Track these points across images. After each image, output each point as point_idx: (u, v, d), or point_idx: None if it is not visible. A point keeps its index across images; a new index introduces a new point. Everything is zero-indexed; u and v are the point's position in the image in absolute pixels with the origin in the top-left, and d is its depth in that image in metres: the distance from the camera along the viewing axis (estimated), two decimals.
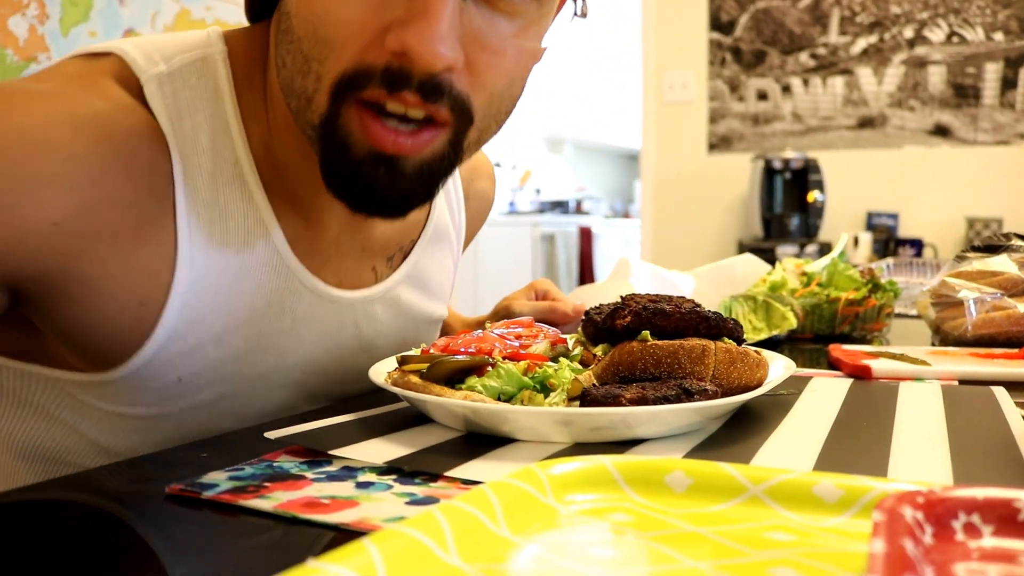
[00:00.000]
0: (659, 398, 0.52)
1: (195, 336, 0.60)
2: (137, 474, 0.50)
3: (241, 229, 0.60)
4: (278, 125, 0.61)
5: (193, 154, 0.57)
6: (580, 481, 0.40)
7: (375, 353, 0.73)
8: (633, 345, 0.58)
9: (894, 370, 0.76)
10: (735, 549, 0.34)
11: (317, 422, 0.58)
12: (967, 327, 0.94)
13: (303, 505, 0.42)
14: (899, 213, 3.36)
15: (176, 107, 0.57)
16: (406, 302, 0.76)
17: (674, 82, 3.64)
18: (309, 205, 0.64)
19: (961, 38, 3.24)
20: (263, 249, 0.62)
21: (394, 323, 0.75)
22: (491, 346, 0.61)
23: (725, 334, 0.60)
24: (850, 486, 0.37)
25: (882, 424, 0.57)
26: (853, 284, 1.04)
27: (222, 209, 0.59)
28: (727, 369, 0.59)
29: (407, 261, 0.75)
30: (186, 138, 0.57)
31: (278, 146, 0.61)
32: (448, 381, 0.56)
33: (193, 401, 0.63)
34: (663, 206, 3.72)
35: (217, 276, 0.59)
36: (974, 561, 0.30)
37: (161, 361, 0.59)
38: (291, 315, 0.65)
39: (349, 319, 0.70)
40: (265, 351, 0.65)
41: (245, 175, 0.60)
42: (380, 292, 0.72)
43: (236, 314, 0.62)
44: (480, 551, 0.32)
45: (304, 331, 0.67)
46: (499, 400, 0.55)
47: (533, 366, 0.58)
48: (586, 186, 7.28)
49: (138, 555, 0.38)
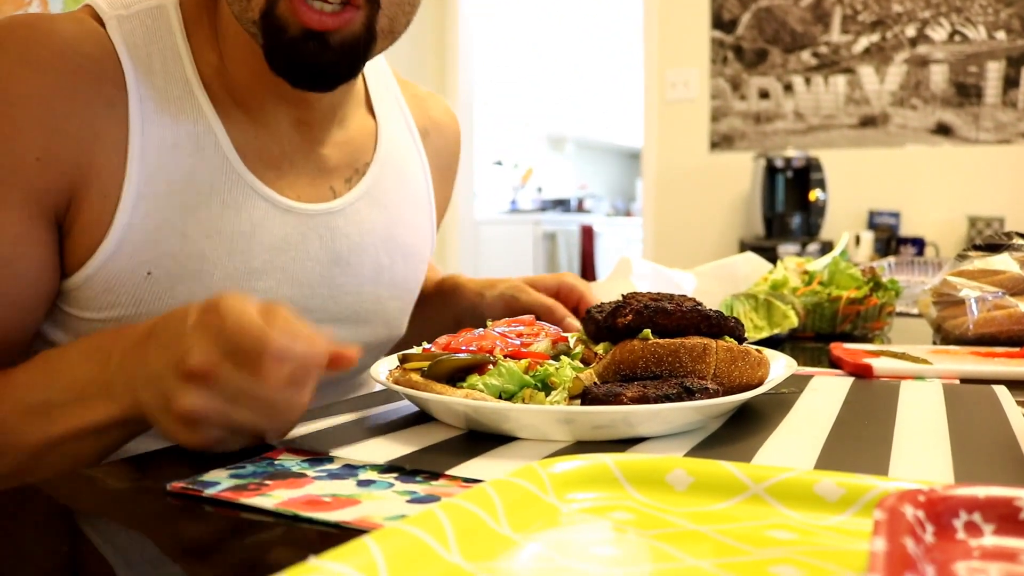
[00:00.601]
0: (660, 396, 0.52)
1: (156, 226, 0.68)
2: (138, 472, 0.50)
3: (192, 135, 0.70)
4: (229, 50, 0.72)
5: (146, 73, 0.69)
6: (581, 479, 0.40)
7: (348, 270, 0.80)
8: (634, 344, 0.58)
9: (895, 369, 0.76)
10: (736, 547, 0.34)
11: (319, 421, 0.59)
12: (968, 326, 0.94)
13: (304, 503, 0.42)
14: (901, 212, 3.36)
15: (132, 39, 0.69)
16: (370, 221, 0.82)
17: (676, 80, 3.64)
18: (257, 119, 0.74)
19: (963, 37, 3.24)
20: (212, 154, 0.71)
21: (362, 240, 0.81)
22: (492, 344, 0.61)
23: (726, 332, 0.60)
24: (851, 485, 0.37)
25: (883, 423, 0.57)
26: (854, 283, 1.04)
27: (173, 117, 0.70)
28: (728, 368, 0.59)
29: (364, 179, 0.82)
30: (140, 61, 0.69)
31: (230, 67, 0.73)
32: (450, 379, 0.56)
33: (170, 301, 0.69)
34: (665, 204, 3.71)
35: (170, 172, 0.69)
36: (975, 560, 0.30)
37: (128, 252, 0.67)
38: (248, 220, 0.72)
39: (312, 231, 0.77)
40: (230, 253, 0.71)
41: (194, 92, 0.71)
42: (339, 206, 0.79)
43: (194, 211, 0.70)
44: (481, 549, 0.32)
45: (265, 236, 0.74)
46: (500, 398, 0.55)
47: (534, 364, 0.58)
48: (588, 184, 7.28)
49: (139, 553, 0.38)
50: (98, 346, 0.59)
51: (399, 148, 0.87)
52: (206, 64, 0.72)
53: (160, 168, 0.68)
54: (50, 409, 0.58)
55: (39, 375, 0.61)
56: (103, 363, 0.57)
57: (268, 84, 0.72)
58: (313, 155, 0.78)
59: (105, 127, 0.67)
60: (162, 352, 0.51)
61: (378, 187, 0.83)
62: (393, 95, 0.90)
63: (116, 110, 0.67)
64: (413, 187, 0.88)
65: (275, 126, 0.75)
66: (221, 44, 0.73)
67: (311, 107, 0.76)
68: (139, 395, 0.53)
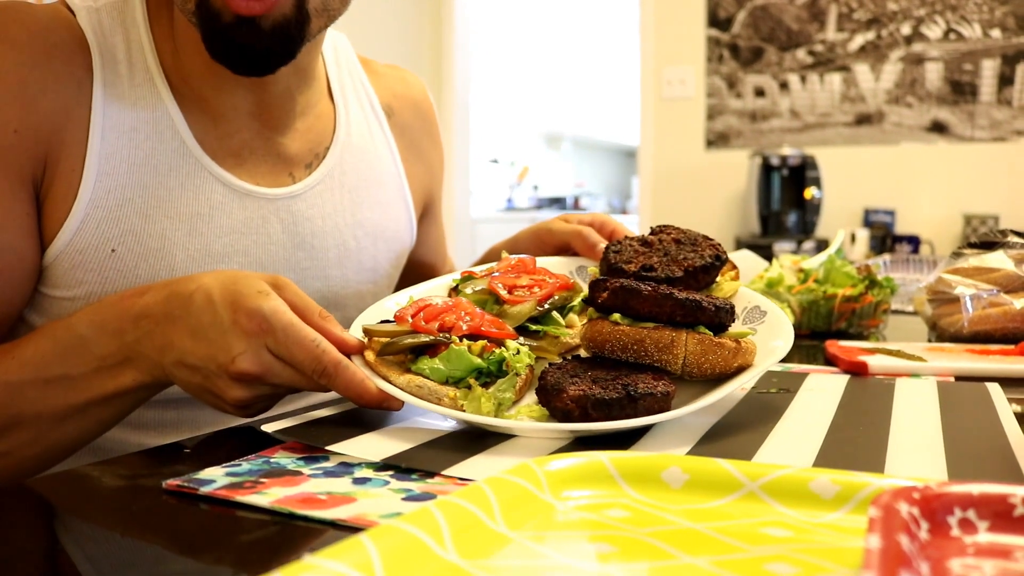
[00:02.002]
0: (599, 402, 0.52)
1: (117, 204, 0.71)
2: (134, 470, 0.50)
3: (150, 120, 0.73)
4: (181, 41, 0.75)
5: (111, 61, 0.73)
6: (577, 477, 0.40)
7: (313, 253, 0.82)
8: (603, 325, 0.58)
9: (890, 366, 0.76)
10: (732, 545, 0.34)
11: (313, 412, 0.59)
12: (963, 323, 0.95)
13: (300, 501, 0.42)
14: (896, 210, 3.36)
15: (100, 28, 0.73)
16: (332, 204, 0.83)
17: (672, 78, 3.64)
18: (215, 108, 0.76)
19: (958, 35, 3.24)
20: (170, 139, 0.74)
21: (324, 224, 0.82)
22: (455, 320, 0.60)
23: (703, 322, 0.58)
24: (846, 482, 0.37)
25: (878, 420, 0.57)
26: (850, 280, 1.04)
27: (132, 103, 0.73)
28: (698, 359, 0.57)
29: (324, 163, 0.84)
30: (106, 49, 0.73)
31: (184, 57, 0.75)
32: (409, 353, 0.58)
33: (134, 280, 0.71)
34: (661, 202, 3.71)
35: (130, 151, 0.72)
36: (969, 556, 0.31)
37: (91, 228, 0.70)
38: (207, 202, 0.75)
39: (272, 215, 0.79)
40: (190, 233, 0.74)
41: (155, 80, 0.74)
42: (299, 190, 0.81)
43: (154, 191, 0.73)
44: (477, 547, 0.32)
45: (224, 219, 0.76)
46: (447, 383, 0.56)
47: (490, 346, 0.57)
48: (584, 182, 7.28)
49: (135, 550, 0.38)
50: (101, 323, 0.61)
51: (360, 131, 0.88)
52: (165, 54, 0.76)
53: (119, 149, 0.72)
54: (70, 381, 0.61)
55: (49, 351, 0.62)
56: (118, 337, 0.60)
57: (218, 72, 0.74)
58: (273, 143, 0.80)
59: (73, 106, 0.70)
60: (198, 344, 0.56)
61: (339, 170, 0.85)
62: (357, 78, 0.91)
63: (83, 91, 0.71)
64: (379, 168, 0.89)
65: (232, 115, 0.77)
66: (175, 35, 0.76)
67: (266, 92, 0.78)
68: (169, 371, 0.59)
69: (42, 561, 0.37)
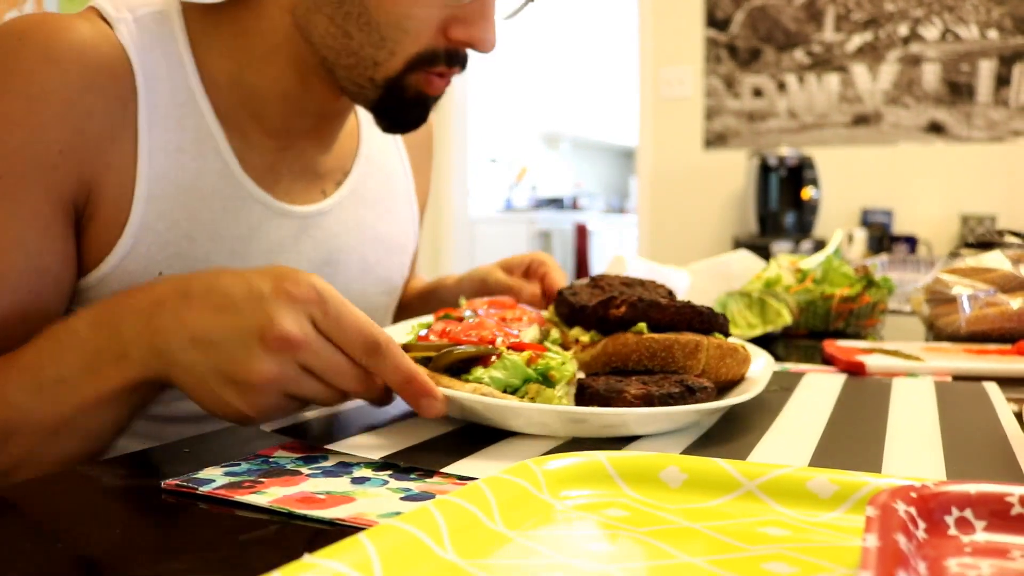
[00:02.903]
0: (664, 396, 0.53)
1: (166, 228, 0.70)
2: (133, 469, 0.50)
3: (195, 139, 0.72)
4: (256, 63, 0.73)
5: (154, 77, 0.70)
6: (575, 477, 0.40)
7: (338, 268, 0.82)
8: (628, 337, 0.59)
9: (888, 366, 0.77)
10: (729, 544, 0.34)
11: (312, 411, 0.59)
12: (960, 323, 0.95)
13: (299, 500, 0.42)
14: (893, 210, 3.37)
15: (140, 43, 0.70)
16: (355, 219, 0.84)
17: (670, 79, 3.64)
18: (268, 127, 0.75)
19: (955, 36, 3.25)
20: (214, 159, 0.73)
21: (348, 239, 0.83)
22: (493, 335, 0.60)
23: (716, 329, 0.61)
24: (844, 481, 0.38)
25: (876, 420, 0.58)
26: (847, 281, 1.04)
27: (177, 122, 0.71)
28: (717, 364, 0.59)
29: (350, 178, 0.85)
30: (147, 65, 0.70)
31: (252, 78, 0.74)
32: (451, 370, 0.56)
33: None
34: (659, 202, 3.71)
35: (177, 173, 0.71)
36: (967, 556, 0.31)
37: (142, 253, 0.69)
38: (246, 223, 0.75)
39: (304, 232, 0.79)
40: (231, 255, 0.74)
41: (197, 100, 0.72)
42: (329, 206, 0.82)
43: (199, 214, 0.72)
44: (476, 546, 0.33)
45: (263, 240, 0.76)
46: (505, 392, 0.54)
47: (535, 357, 0.57)
48: (582, 182, 7.28)
49: (134, 550, 0.38)
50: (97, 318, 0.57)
51: (379, 144, 0.90)
52: (217, 71, 0.73)
53: (167, 171, 0.70)
54: (61, 384, 0.56)
55: (47, 351, 0.58)
56: (112, 331, 0.55)
57: (293, 99, 0.74)
58: (311, 161, 0.80)
59: (119, 127, 0.68)
60: (222, 317, 0.50)
61: (363, 185, 0.85)
62: None
63: (128, 111, 0.68)
64: (395, 182, 0.90)
65: (284, 135, 0.77)
66: (241, 54, 0.73)
67: (331, 122, 0.79)
68: (173, 358, 0.52)
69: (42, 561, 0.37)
